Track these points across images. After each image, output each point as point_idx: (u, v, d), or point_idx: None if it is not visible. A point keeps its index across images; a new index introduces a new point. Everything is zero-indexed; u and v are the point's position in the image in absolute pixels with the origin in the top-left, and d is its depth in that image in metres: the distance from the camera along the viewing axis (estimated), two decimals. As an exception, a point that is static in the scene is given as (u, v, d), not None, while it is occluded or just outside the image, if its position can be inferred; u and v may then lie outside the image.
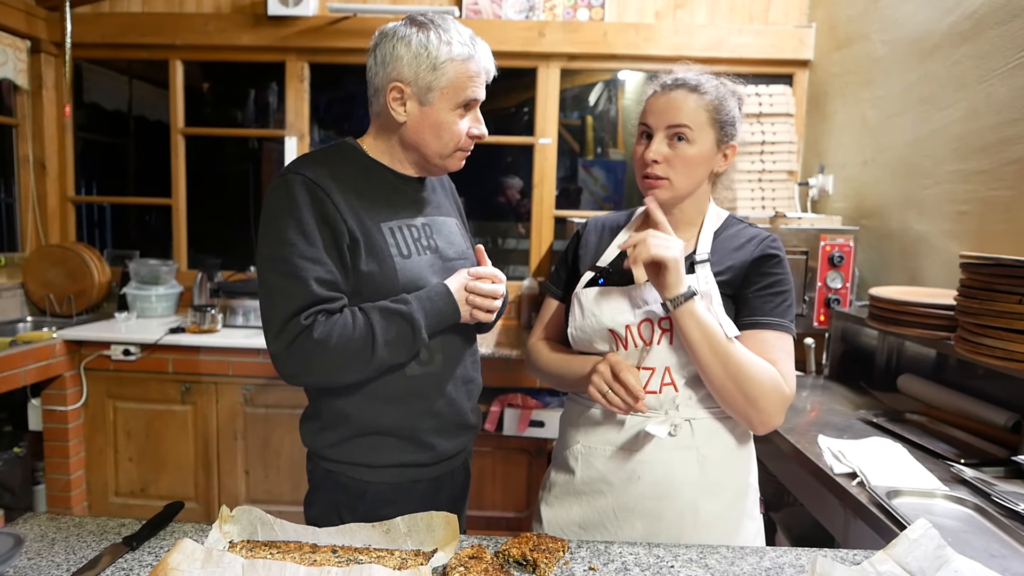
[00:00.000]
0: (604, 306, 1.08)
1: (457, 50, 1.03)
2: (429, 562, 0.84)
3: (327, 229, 1.01)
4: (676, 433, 1.05)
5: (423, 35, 1.02)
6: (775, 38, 2.73)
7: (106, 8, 2.87)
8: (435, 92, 1.04)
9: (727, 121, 1.07)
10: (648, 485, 1.06)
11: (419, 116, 1.06)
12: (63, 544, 0.90)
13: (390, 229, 1.08)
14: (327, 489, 1.12)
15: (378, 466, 1.09)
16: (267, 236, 1.02)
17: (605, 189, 3.15)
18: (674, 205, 1.10)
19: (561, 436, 1.21)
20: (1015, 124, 1.60)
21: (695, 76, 1.08)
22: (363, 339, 0.99)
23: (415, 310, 1.02)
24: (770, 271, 1.06)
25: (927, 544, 0.81)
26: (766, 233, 1.11)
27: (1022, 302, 1.19)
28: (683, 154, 1.05)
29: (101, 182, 3.33)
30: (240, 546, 0.88)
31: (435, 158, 1.10)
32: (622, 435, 1.08)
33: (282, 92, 2.94)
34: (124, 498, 2.56)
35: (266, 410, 2.46)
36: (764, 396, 1.00)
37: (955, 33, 1.84)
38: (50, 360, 2.37)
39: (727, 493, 1.08)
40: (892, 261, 2.14)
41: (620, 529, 1.08)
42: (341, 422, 1.09)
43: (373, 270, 1.04)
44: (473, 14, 2.78)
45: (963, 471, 1.23)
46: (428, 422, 1.11)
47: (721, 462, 1.07)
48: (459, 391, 1.15)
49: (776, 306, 1.05)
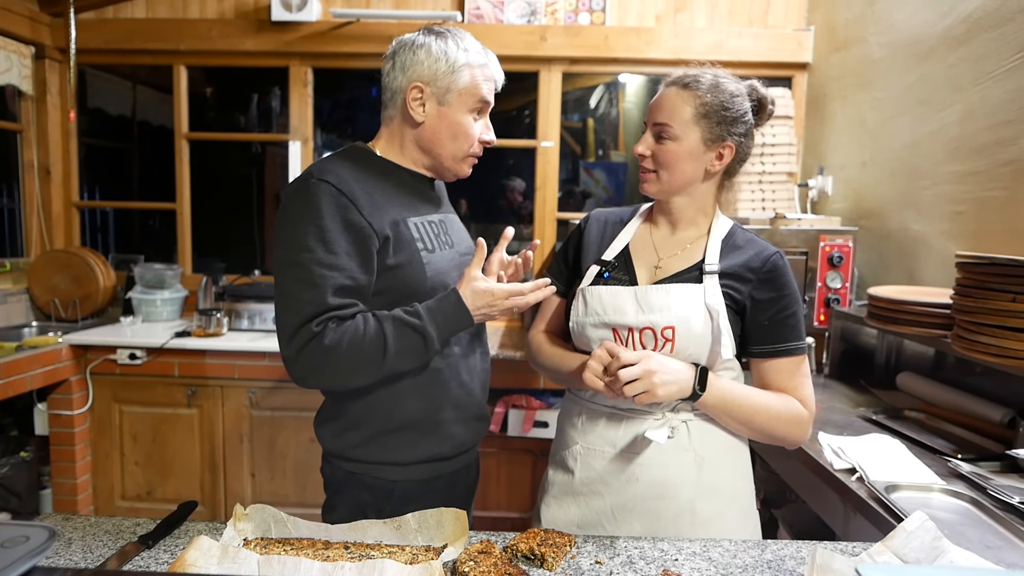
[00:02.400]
0: (608, 305, 1.09)
1: (474, 56, 1.09)
2: (439, 557, 0.86)
3: (351, 234, 1.02)
4: (674, 435, 1.07)
5: (442, 42, 1.08)
6: (774, 41, 2.76)
7: (110, 14, 2.90)
8: (453, 93, 1.08)
9: (722, 120, 1.05)
10: (646, 486, 1.08)
11: (437, 116, 1.09)
12: (80, 544, 0.91)
13: (415, 224, 1.10)
14: (350, 492, 1.13)
15: (405, 463, 1.11)
16: (286, 240, 1.03)
17: (607, 191, 3.17)
18: (667, 199, 1.12)
19: (559, 435, 1.21)
20: (1010, 126, 1.63)
21: (695, 73, 1.08)
22: (373, 347, 1.01)
23: (427, 323, 1.03)
24: (778, 292, 1.06)
25: (924, 536, 0.83)
26: (771, 249, 1.09)
27: (1016, 300, 1.22)
28: (666, 150, 1.07)
29: (105, 187, 3.35)
30: (254, 543, 0.90)
31: (448, 160, 1.13)
32: (621, 438, 1.09)
33: (285, 97, 2.97)
34: (131, 502, 2.58)
35: (272, 413, 2.48)
36: (789, 433, 1.06)
37: (951, 36, 1.86)
38: (56, 365, 2.39)
39: (724, 493, 1.10)
40: (891, 261, 2.16)
41: (618, 529, 1.10)
42: (365, 420, 1.10)
43: (402, 262, 1.06)
44: (475, 18, 2.81)
45: (960, 466, 1.25)
46: (448, 412, 1.13)
47: (717, 463, 1.09)
48: (474, 380, 1.17)
49: (790, 330, 1.06)
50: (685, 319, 1.04)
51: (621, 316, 1.08)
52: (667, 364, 1.00)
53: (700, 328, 1.04)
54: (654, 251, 1.14)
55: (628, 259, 1.15)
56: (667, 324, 1.04)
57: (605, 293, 1.10)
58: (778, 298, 1.06)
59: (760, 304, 1.06)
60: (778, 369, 1.07)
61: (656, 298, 1.06)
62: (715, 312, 1.04)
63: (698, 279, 1.07)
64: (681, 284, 1.07)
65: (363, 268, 1.03)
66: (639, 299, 1.07)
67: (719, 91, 1.06)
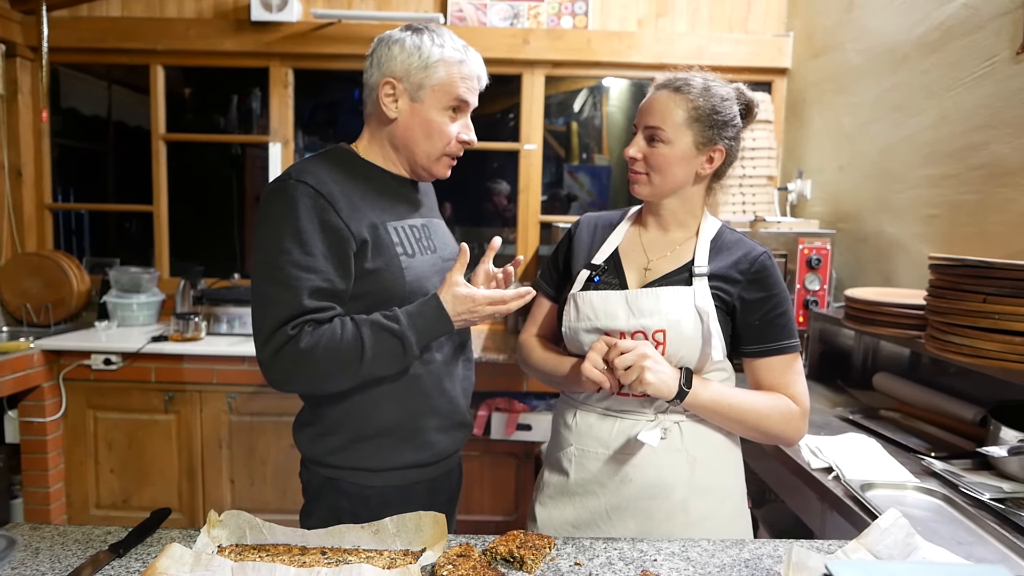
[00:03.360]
0: (600, 309, 1.10)
1: (449, 53, 1.06)
2: (418, 561, 0.85)
3: (329, 236, 1.00)
4: (667, 436, 1.08)
5: (417, 37, 1.06)
6: (754, 46, 2.80)
7: (84, 12, 2.85)
8: (426, 90, 1.06)
9: (713, 123, 1.06)
10: (640, 486, 1.08)
11: (409, 113, 1.07)
12: (48, 553, 0.89)
13: (395, 229, 1.09)
14: (327, 497, 1.11)
15: (381, 469, 1.09)
16: (263, 242, 1.01)
17: (591, 194, 3.19)
18: (656, 202, 1.13)
19: (554, 437, 1.22)
20: (981, 131, 1.66)
21: (685, 76, 1.08)
22: (351, 351, 0.99)
23: (406, 328, 1.01)
24: (767, 292, 1.07)
25: (897, 533, 0.84)
26: (760, 249, 1.10)
27: (987, 301, 1.24)
28: (658, 153, 1.07)
29: (80, 189, 3.28)
30: (229, 550, 0.88)
31: (423, 159, 1.11)
32: (614, 439, 1.10)
33: (266, 98, 2.93)
34: (106, 510, 2.52)
35: (251, 418, 2.44)
36: (782, 431, 1.07)
37: (924, 43, 1.90)
38: (27, 371, 2.33)
39: (716, 492, 1.11)
40: (867, 263, 2.20)
41: (613, 528, 1.11)
42: (342, 426, 1.09)
43: (380, 267, 1.04)
44: (458, 21, 2.81)
45: (933, 464, 1.27)
46: (429, 419, 1.12)
47: (710, 462, 1.10)
48: (456, 388, 1.16)
49: (781, 329, 1.07)
50: (676, 322, 1.05)
51: (612, 320, 1.08)
52: (659, 357, 1.02)
53: (690, 330, 1.05)
54: (643, 253, 1.15)
55: (618, 262, 1.15)
56: (658, 327, 1.05)
57: (596, 298, 1.11)
58: (767, 298, 1.07)
59: (750, 304, 1.07)
60: (770, 367, 1.08)
61: (646, 302, 1.07)
62: (705, 314, 1.05)
63: (687, 281, 1.07)
64: (671, 287, 1.07)
65: (340, 271, 1.02)
66: (630, 303, 1.08)
67: (710, 95, 1.07)
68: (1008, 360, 1.21)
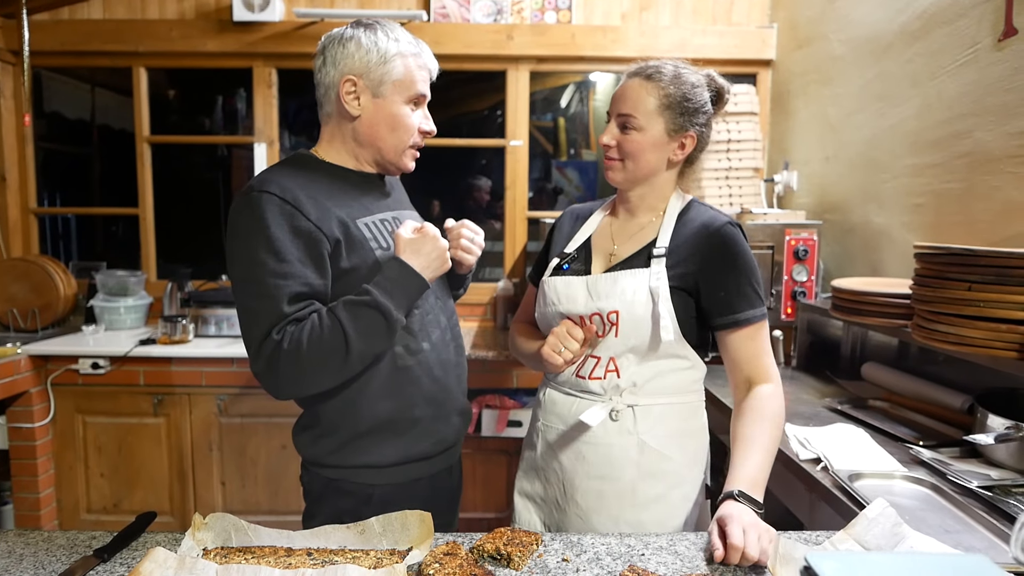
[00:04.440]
0: (562, 295, 1.15)
1: (404, 46, 1.08)
2: (404, 560, 0.85)
3: (301, 240, 1.00)
4: (617, 418, 1.11)
5: (371, 33, 1.07)
6: (738, 38, 2.80)
7: (65, 15, 2.81)
8: (387, 85, 1.07)
9: (684, 110, 1.08)
10: (592, 465, 1.12)
11: (373, 109, 1.08)
12: (31, 559, 0.88)
13: (366, 224, 1.09)
14: (329, 500, 1.11)
15: (382, 466, 1.10)
16: (237, 257, 1.01)
17: (579, 189, 3.18)
18: (630, 188, 1.15)
19: (532, 415, 1.28)
20: (964, 119, 1.67)
21: (656, 64, 1.10)
22: (333, 337, 0.99)
23: (378, 296, 1.01)
24: (731, 261, 1.07)
25: (884, 522, 0.85)
26: (722, 218, 1.10)
27: (972, 288, 1.25)
28: (631, 140, 1.10)
29: (65, 193, 3.25)
30: (214, 553, 0.88)
31: (391, 153, 1.11)
32: (572, 416, 1.14)
33: (250, 98, 2.91)
34: (96, 515, 2.51)
35: (241, 419, 2.43)
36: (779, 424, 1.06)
37: (907, 32, 1.91)
38: (15, 376, 2.31)
39: (667, 478, 1.12)
40: (854, 253, 2.21)
41: (568, 504, 1.15)
42: (339, 425, 1.09)
43: (357, 264, 1.05)
44: (441, 17, 2.79)
45: (921, 453, 1.28)
46: (423, 409, 1.12)
47: (661, 448, 1.11)
48: (448, 375, 1.17)
49: (745, 297, 1.07)
50: (629, 303, 1.08)
51: (572, 304, 1.13)
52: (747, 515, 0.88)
53: (642, 311, 1.07)
54: (611, 240, 1.18)
55: (588, 250, 1.19)
56: (612, 309, 1.09)
57: (560, 284, 1.16)
58: (731, 267, 1.07)
59: (714, 276, 1.07)
60: (740, 338, 1.08)
61: (604, 286, 1.10)
62: (656, 294, 1.06)
63: (646, 263, 1.10)
64: (628, 271, 1.10)
65: (318, 273, 1.02)
66: (590, 288, 1.12)
67: (681, 82, 1.09)
68: (994, 347, 1.21)
